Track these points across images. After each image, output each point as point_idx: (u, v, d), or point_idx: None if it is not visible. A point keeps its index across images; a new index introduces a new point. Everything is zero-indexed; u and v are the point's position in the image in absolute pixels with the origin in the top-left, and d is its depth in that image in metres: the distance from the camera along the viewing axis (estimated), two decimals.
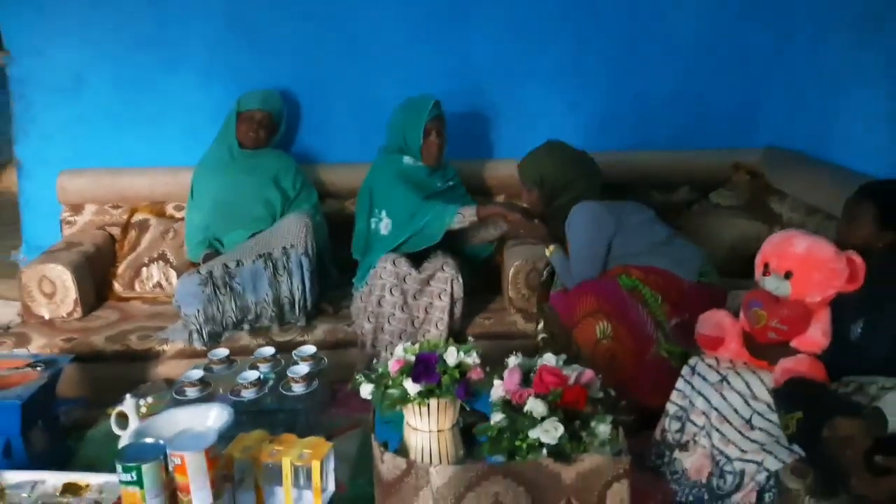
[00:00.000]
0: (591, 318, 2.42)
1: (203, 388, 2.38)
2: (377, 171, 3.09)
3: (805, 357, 1.96)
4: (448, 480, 1.93)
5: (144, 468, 1.67)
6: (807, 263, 1.99)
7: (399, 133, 3.04)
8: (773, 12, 3.29)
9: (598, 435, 1.93)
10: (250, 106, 3.17)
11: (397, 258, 2.84)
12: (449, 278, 2.79)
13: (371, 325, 2.85)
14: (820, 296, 1.99)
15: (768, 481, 1.87)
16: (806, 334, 1.99)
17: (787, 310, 1.99)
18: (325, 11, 3.28)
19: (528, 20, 3.28)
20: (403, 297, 2.81)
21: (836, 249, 1.99)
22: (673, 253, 2.58)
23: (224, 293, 2.83)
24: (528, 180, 2.77)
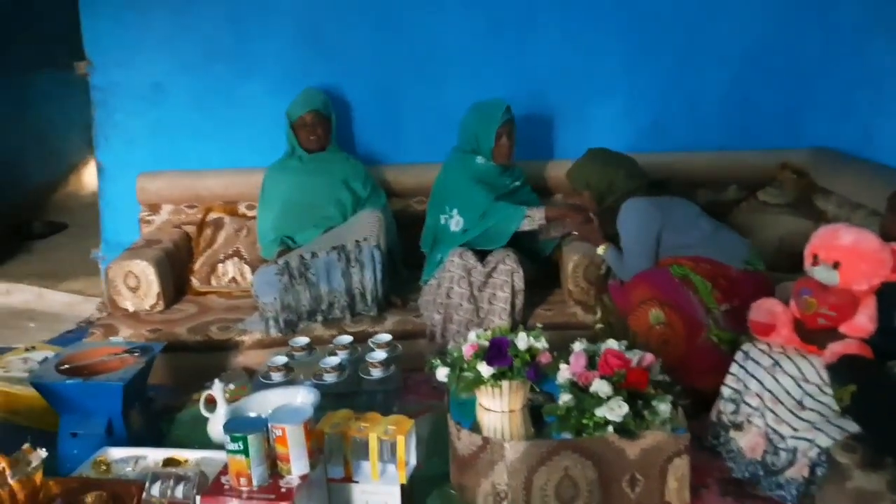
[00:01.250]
0: (645, 306, 2.57)
1: (287, 374, 2.57)
2: (451, 170, 3.25)
3: (853, 341, 2.09)
4: (521, 455, 2.10)
5: (250, 438, 1.84)
6: (853, 254, 2.12)
7: (472, 134, 3.20)
8: (819, 16, 3.38)
9: (660, 413, 2.09)
10: (299, 113, 3.32)
11: (464, 252, 3.00)
12: (510, 271, 2.94)
13: (440, 316, 3.00)
14: (866, 284, 2.11)
15: (820, 457, 2.01)
16: (853, 320, 2.11)
17: (835, 297, 2.12)
18: (393, 20, 3.46)
19: (586, 30, 3.44)
20: (470, 288, 2.96)
21: (881, 241, 2.12)
22: (720, 243, 2.73)
23: (300, 283, 3.01)
24: (577, 185, 2.95)
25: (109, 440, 2.33)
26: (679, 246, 2.73)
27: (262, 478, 1.86)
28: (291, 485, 1.87)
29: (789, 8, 3.39)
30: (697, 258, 2.66)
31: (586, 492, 2.13)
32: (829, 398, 2.08)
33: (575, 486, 2.13)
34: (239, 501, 1.83)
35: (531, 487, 2.12)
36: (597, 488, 2.13)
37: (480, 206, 3.11)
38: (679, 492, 2.15)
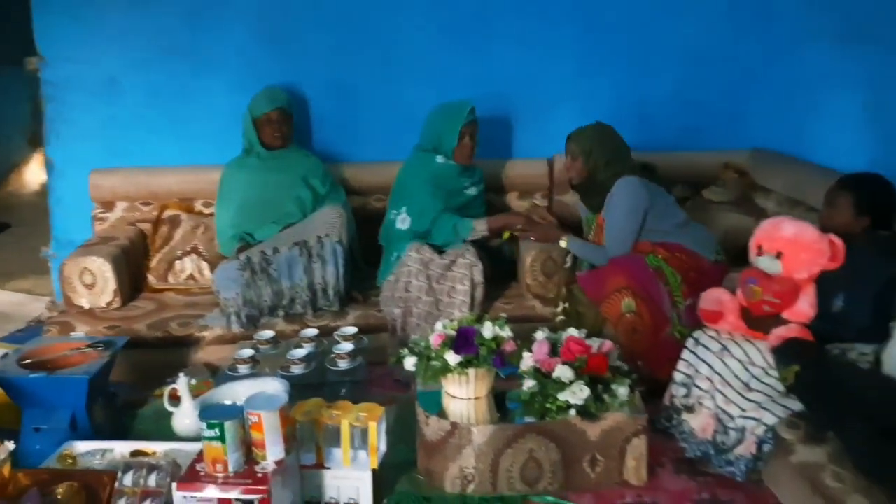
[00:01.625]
0: (619, 294, 2.70)
1: (253, 366, 2.60)
2: (409, 168, 3.33)
3: (795, 326, 2.25)
4: (488, 438, 2.19)
5: (227, 425, 1.88)
6: (795, 245, 2.27)
7: (435, 133, 3.27)
8: (758, 24, 3.56)
9: (619, 396, 2.21)
10: (264, 110, 3.33)
11: (421, 246, 3.08)
12: (469, 264, 3.02)
13: (400, 310, 3.06)
14: (807, 273, 2.27)
15: (766, 434, 2.15)
16: (795, 306, 2.27)
17: (778, 285, 2.27)
18: (352, 19, 3.50)
19: (542, 35, 3.55)
20: (428, 281, 3.03)
21: (819, 233, 2.28)
22: (693, 233, 2.88)
23: (261, 278, 3.03)
24: (576, 150, 2.96)
25: (73, 435, 2.32)
26: (657, 231, 2.86)
27: (238, 464, 1.90)
28: (267, 470, 1.91)
29: (731, 16, 3.56)
30: (674, 246, 2.81)
31: (550, 472, 2.23)
32: (773, 380, 2.22)
33: (539, 468, 2.22)
34: (215, 487, 1.86)
35: (497, 469, 2.21)
36: (560, 469, 2.24)
37: (429, 210, 3.19)
38: (637, 470, 2.27)
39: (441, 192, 3.23)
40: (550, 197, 3.62)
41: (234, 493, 1.86)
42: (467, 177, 3.34)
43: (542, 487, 2.24)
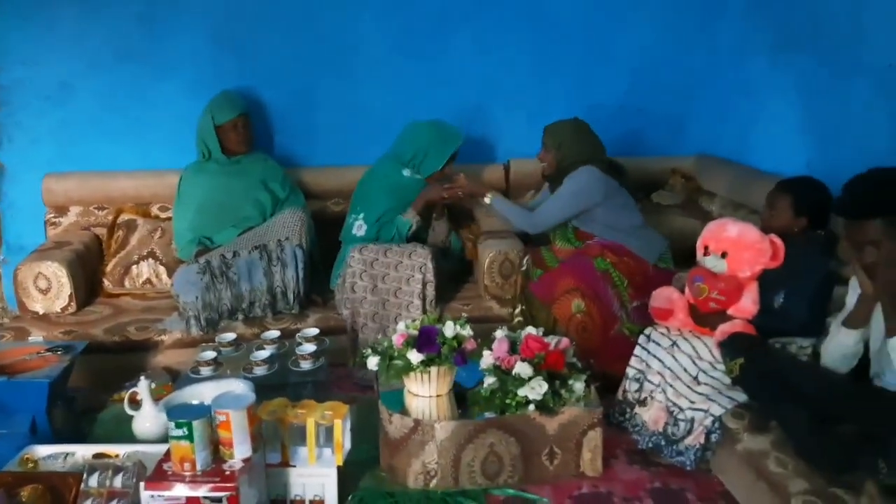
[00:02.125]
0: (569, 296, 2.82)
1: (216, 368, 2.62)
2: (374, 176, 3.35)
3: (739, 321, 2.38)
4: (450, 434, 2.26)
5: (195, 424, 1.90)
6: (738, 245, 2.41)
7: (421, 150, 3.28)
8: (702, 34, 3.70)
9: (575, 391, 2.31)
10: (229, 117, 3.33)
11: (364, 247, 3.10)
12: (417, 265, 3.05)
13: (348, 311, 3.10)
14: (750, 271, 2.40)
15: (714, 425, 2.27)
16: (739, 303, 2.41)
17: (723, 283, 2.41)
18: (310, 23, 3.53)
19: (497, 43, 3.63)
20: (373, 281, 3.06)
21: (761, 233, 2.42)
22: (643, 237, 3.00)
23: (221, 282, 3.04)
24: (549, 142, 3.05)
25: (33, 439, 2.29)
26: (610, 226, 2.98)
27: (205, 462, 1.92)
28: (235, 468, 1.94)
29: (677, 27, 3.70)
30: (622, 250, 2.92)
31: (510, 466, 2.31)
32: (720, 373, 2.34)
33: (499, 461, 2.30)
34: (184, 485, 1.88)
35: (459, 464, 2.28)
36: (519, 462, 2.32)
37: (384, 219, 3.25)
38: (592, 462, 2.36)
39: (402, 204, 3.27)
40: None
41: (202, 490, 1.88)
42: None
43: (503, 480, 2.32)
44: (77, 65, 3.49)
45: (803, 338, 2.37)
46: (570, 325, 2.80)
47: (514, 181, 3.67)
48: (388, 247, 3.11)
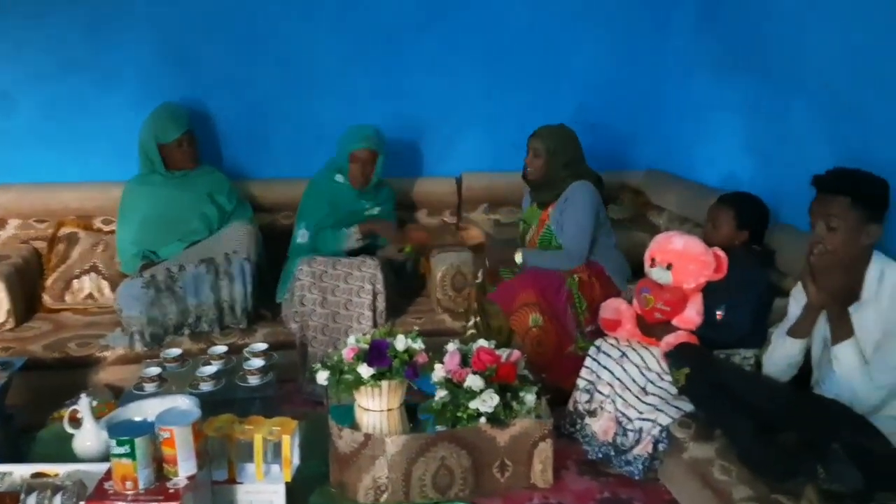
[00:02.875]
0: (528, 309, 2.82)
1: (160, 384, 2.55)
2: (310, 186, 3.36)
3: (683, 332, 2.43)
4: (401, 448, 2.24)
5: (137, 441, 1.86)
6: (683, 257, 2.47)
7: (338, 154, 3.29)
8: (651, 54, 3.78)
9: (526, 403, 2.31)
10: (174, 136, 3.26)
11: (312, 259, 3.07)
12: (367, 276, 3.03)
13: (297, 324, 3.05)
14: (694, 282, 2.46)
15: (661, 434, 2.30)
16: (684, 314, 2.46)
17: (668, 294, 2.46)
18: (259, 35, 3.49)
19: (450, 58, 3.65)
20: (322, 293, 3.03)
21: (705, 246, 2.48)
22: (618, 259, 3.07)
23: (166, 296, 2.98)
24: (540, 148, 3.02)
25: None
26: (597, 241, 3.01)
27: (148, 480, 1.88)
28: (179, 486, 1.89)
29: (626, 46, 3.77)
30: (597, 270, 2.96)
31: (461, 479, 2.30)
32: (667, 384, 2.38)
33: (451, 475, 2.29)
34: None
35: (410, 479, 2.26)
36: (470, 475, 2.31)
37: (322, 227, 3.23)
38: (543, 473, 2.37)
39: (337, 211, 3.26)
40: (459, 214, 3.72)
41: None
42: (369, 198, 3.37)
43: (454, 494, 2.31)
44: (17, 74, 3.39)
45: (745, 348, 2.43)
46: (525, 337, 2.82)
47: (467, 195, 3.69)
48: (337, 259, 3.09)
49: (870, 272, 1.96)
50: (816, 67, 2.74)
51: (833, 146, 2.66)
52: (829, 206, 1.97)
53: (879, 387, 1.91)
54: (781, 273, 2.67)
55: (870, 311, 1.95)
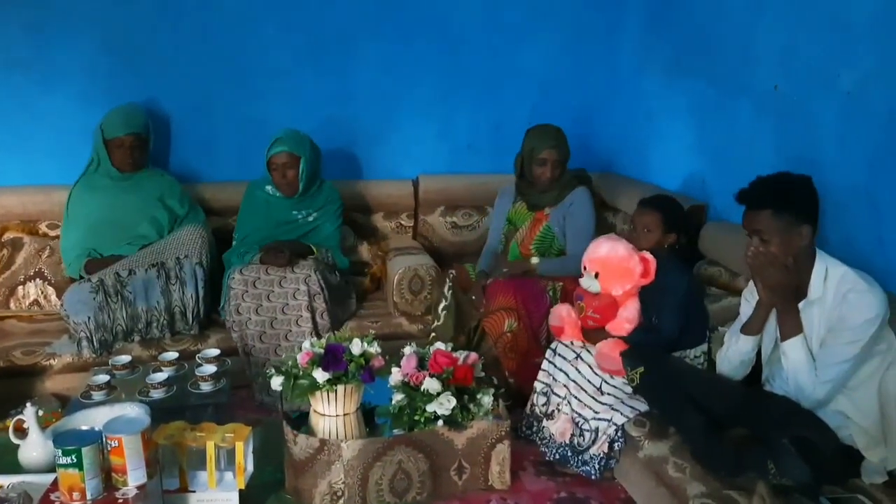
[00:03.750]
0: (505, 313, 2.80)
1: (109, 392, 2.49)
2: (244, 196, 3.31)
3: (611, 341, 2.45)
4: (358, 453, 2.22)
5: (84, 451, 1.82)
6: (607, 265, 2.51)
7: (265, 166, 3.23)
8: (603, 56, 3.82)
9: (483, 405, 2.31)
10: (117, 133, 3.18)
11: (245, 267, 3.03)
12: (302, 277, 2.99)
13: (237, 333, 3.00)
14: (621, 289, 2.50)
15: (617, 433, 2.32)
16: (615, 321, 2.49)
17: (598, 302, 2.51)
18: (208, 35, 3.42)
19: (402, 59, 3.63)
20: (257, 300, 2.98)
21: (630, 252, 2.50)
22: None
23: (115, 301, 2.90)
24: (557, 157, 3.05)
25: None
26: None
27: (96, 490, 1.84)
28: (128, 496, 1.85)
29: (578, 48, 3.80)
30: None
31: (418, 483, 2.29)
32: (622, 383, 2.40)
33: (408, 479, 2.28)
34: None
35: (367, 484, 2.24)
36: (428, 478, 2.30)
37: (255, 236, 3.18)
38: (501, 475, 2.37)
39: (268, 221, 3.22)
40: (416, 217, 3.71)
41: None
42: (305, 205, 3.29)
43: (412, 498, 2.30)
44: None
45: (691, 349, 2.47)
46: (498, 341, 2.80)
47: (424, 197, 3.67)
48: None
49: (815, 271, 2.00)
50: (763, 68, 2.80)
51: (779, 146, 2.73)
52: (756, 221, 2.02)
53: (824, 381, 1.95)
54: (731, 271, 2.72)
55: (815, 308, 1.99)
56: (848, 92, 2.39)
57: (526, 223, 3.14)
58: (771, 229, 1.99)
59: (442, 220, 3.69)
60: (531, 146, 3.10)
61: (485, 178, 3.72)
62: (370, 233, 3.63)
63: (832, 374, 1.94)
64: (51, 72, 3.34)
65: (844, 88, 2.40)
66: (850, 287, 1.92)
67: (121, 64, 3.39)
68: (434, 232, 3.69)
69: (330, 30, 3.53)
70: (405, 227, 3.70)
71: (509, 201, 3.25)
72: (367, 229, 3.63)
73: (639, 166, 3.73)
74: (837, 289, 1.95)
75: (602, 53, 3.84)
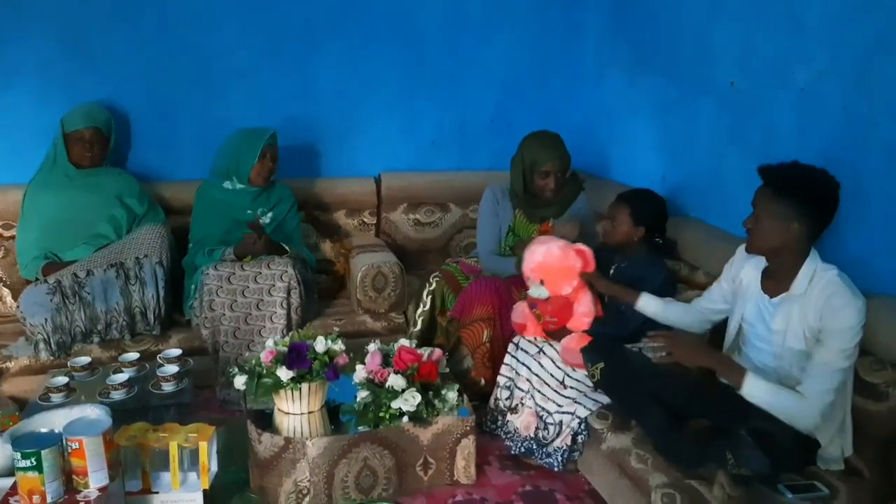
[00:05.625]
0: (483, 324, 2.78)
1: (68, 394, 2.45)
2: (196, 198, 3.26)
3: (575, 335, 2.50)
4: (323, 451, 2.21)
5: (44, 453, 1.78)
6: (547, 269, 2.55)
7: (233, 157, 3.18)
8: (564, 54, 3.85)
9: (448, 401, 2.33)
10: (77, 126, 3.15)
11: (220, 263, 3.01)
12: (278, 273, 2.96)
13: (208, 330, 2.96)
14: (569, 287, 2.53)
15: (580, 426, 2.35)
16: (573, 318, 2.52)
17: (551, 305, 2.54)
18: (167, 33, 3.36)
19: (367, 54, 3.61)
20: (232, 296, 2.95)
21: (564, 249, 2.54)
22: None
23: (73, 302, 2.85)
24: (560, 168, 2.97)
25: None
26: None
27: (56, 493, 1.81)
28: (90, 498, 1.82)
29: (540, 45, 3.82)
30: None
31: (384, 479, 2.29)
32: (584, 377, 2.43)
33: (374, 475, 2.28)
34: None
35: (332, 481, 2.24)
36: (394, 474, 2.31)
37: (213, 236, 3.15)
38: (466, 469, 2.39)
39: (226, 220, 3.18)
40: (379, 214, 3.70)
41: None
42: (260, 203, 3.26)
43: (377, 494, 2.30)
44: None
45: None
46: (476, 351, 2.80)
47: (386, 195, 3.66)
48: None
49: (804, 270, 1.99)
50: (721, 66, 2.86)
51: (738, 142, 2.79)
52: (758, 196, 2.01)
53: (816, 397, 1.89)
54: (690, 265, 2.78)
55: (796, 305, 1.99)
56: (802, 88, 2.45)
57: (530, 234, 3.05)
58: (766, 209, 1.98)
59: (405, 218, 3.69)
60: (532, 158, 2.97)
61: (448, 175, 3.74)
62: (333, 230, 3.62)
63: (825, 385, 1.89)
64: (5, 70, 3.25)
65: (799, 85, 2.46)
66: (833, 291, 1.91)
67: (78, 60, 3.31)
68: (397, 229, 3.69)
69: (291, 27, 3.50)
70: (368, 225, 3.69)
71: (507, 208, 3.10)
72: (330, 227, 3.61)
73: (600, 164, 3.77)
74: (822, 290, 1.93)
75: (564, 52, 3.86)
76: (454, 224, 3.75)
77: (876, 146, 2.19)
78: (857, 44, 2.24)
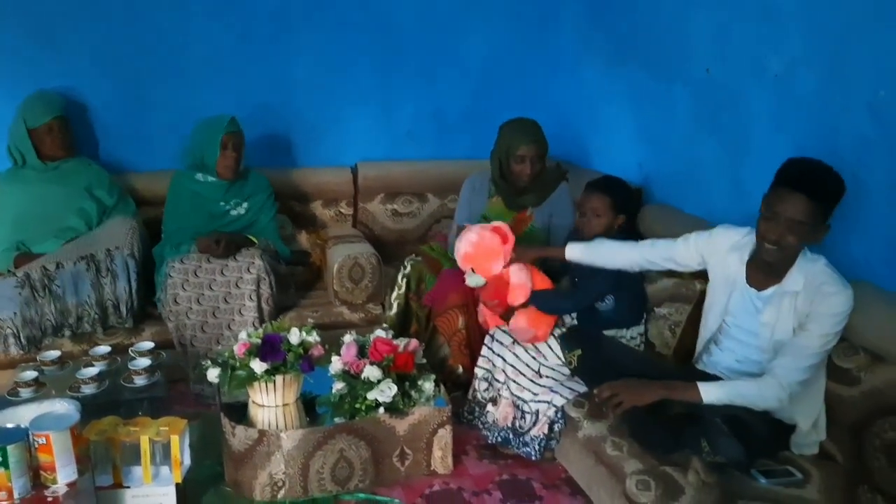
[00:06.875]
0: (458, 311, 2.76)
1: (37, 389, 2.40)
2: (170, 188, 3.19)
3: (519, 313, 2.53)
4: (298, 443, 2.19)
5: (10, 449, 1.76)
6: (471, 257, 2.58)
7: (198, 149, 3.13)
8: (541, 43, 3.82)
9: (425, 391, 2.31)
10: (43, 120, 3.07)
11: (185, 256, 2.96)
12: (245, 265, 2.92)
13: (173, 323, 2.92)
14: (497, 266, 2.56)
15: (557, 415, 2.35)
16: (510, 294, 2.53)
17: (490, 289, 2.56)
18: (137, 19, 3.30)
19: (342, 43, 3.57)
20: (198, 289, 2.91)
21: (479, 232, 2.57)
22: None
23: (43, 296, 2.80)
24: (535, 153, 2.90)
25: None
26: None
27: (24, 489, 1.78)
28: (58, 493, 1.80)
29: (519, 35, 3.80)
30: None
31: (360, 470, 2.28)
32: (560, 365, 2.43)
33: (350, 466, 2.26)
34: None
35: (308, 473, 2.22)
36: (370, 465, 2.29)
37: (185, 229, 3.09)
38: (443, 459, 2.38)
39: (199, 212, 3.13)
40: (356, 204, 3.66)
41: None
42: (234, 194, 3.20)
43: (354, 485, 2.28)
44: None
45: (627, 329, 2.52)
46: (452, 339, 2.78)
47: (363, 185, 3.63)
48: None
49: (798, 263, 1.98)
50: (696, 55, 2.86)
51: (713, 129, 2.79)
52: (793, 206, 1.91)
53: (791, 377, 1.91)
54: None
55: (787, 299, 1.99)
56: (776, 75, 2.45)
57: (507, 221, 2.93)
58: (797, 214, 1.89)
59: (382, 208, 3.66)
60: (507, 143, 2.92)
61: (425, 164, 3.72)
62: (309, 221, 3.58)
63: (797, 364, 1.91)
64: None
65: (773, 72, 2.47)
66: (824, 280, 1.92)
67: (44, 49, 3.24)
68: (374, 220, 3.67)
69: (264, 15, 3.45)
70: (345, 216, 3.66)
71: (483, 195, 3.07)
72: (306, 218, 3.58)
73: (579, 153, 3.77)
74: (813, 279, 1.94)
75: (542, 41, 3.84)
76: (432, 214, 3.73)
77: (848, 133, 2.20)
78: (831, 31, 2.24)
